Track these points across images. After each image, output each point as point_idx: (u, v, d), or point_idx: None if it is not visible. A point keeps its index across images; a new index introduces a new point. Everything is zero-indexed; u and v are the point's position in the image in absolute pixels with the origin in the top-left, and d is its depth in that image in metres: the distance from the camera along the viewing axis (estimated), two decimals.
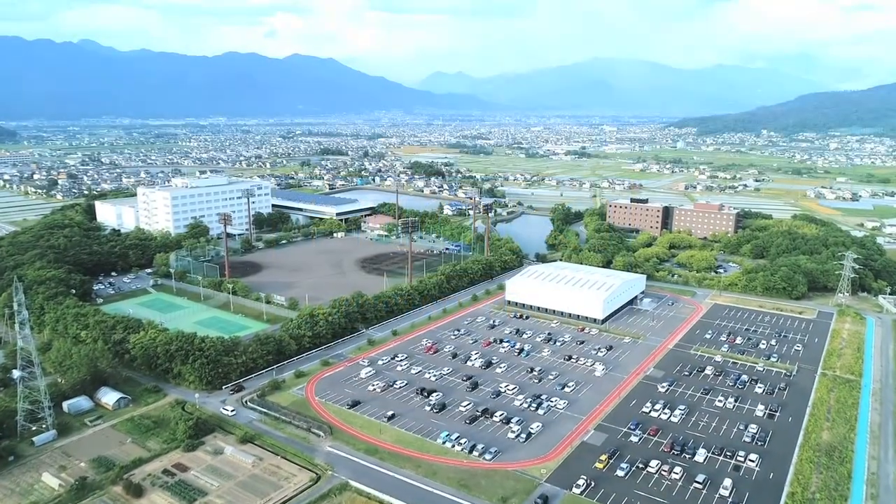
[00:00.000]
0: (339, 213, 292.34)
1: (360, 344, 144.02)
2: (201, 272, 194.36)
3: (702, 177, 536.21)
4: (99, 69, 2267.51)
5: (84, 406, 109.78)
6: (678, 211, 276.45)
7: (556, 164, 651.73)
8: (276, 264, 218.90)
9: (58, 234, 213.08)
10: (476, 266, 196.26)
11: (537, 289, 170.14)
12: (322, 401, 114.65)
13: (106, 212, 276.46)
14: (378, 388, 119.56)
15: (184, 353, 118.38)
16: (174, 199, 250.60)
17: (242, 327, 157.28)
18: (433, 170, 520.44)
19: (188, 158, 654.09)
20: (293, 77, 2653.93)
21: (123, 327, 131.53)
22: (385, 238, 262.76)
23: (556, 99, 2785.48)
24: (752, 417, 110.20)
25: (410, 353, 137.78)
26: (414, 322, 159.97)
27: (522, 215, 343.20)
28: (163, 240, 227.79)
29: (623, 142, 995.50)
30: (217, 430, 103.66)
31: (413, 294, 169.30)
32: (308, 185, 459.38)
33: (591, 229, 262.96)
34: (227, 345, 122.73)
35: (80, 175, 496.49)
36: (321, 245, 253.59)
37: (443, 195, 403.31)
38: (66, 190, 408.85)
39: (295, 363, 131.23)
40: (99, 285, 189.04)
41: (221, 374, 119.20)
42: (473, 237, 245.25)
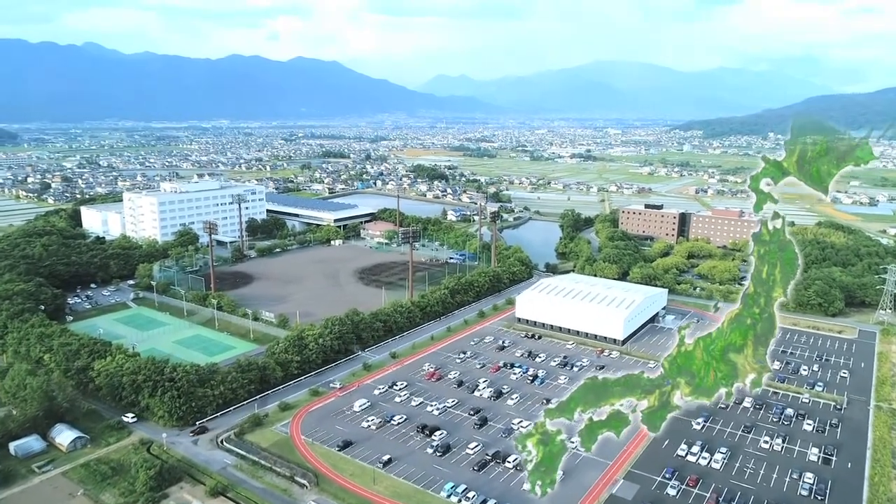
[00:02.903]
0: (338, 220, 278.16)
1: (354, 369, 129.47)
2: (186, 284, 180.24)
3: (712, 180, 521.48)
4: (102, 72, 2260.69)
5: (34, 447, 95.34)
6: (695, 217, 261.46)
7: (561, 168, 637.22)
8: (267, 275, 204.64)
9: (35, 242, 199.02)
10: (482, 278, 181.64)
11: (550, 305, 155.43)
12: (309, 440, 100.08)
13: (91, 218, 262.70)
14: (373, 424, 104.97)
15: (152, 384, 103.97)
16: (161, 204, 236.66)
17: (226, 347, 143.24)
18: (436, 173, 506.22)
19: (187, 161, 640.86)
20: (296, 80, 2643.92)
21: (89, 351, 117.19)
22: (385, 246, 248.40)
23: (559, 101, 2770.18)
24: (806, 463, 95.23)
25: (411, 381, 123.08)
26: (415, 343, 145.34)
27: (529, 221, 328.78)
28: (148, 248, 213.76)
29: (628, 145, 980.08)
30: (185, 477, 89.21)
31: (414, 311, 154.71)
32: (307, 188, 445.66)
33: (604, 237, 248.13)
34: (203, 374, 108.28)
35: (76, 178, 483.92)
36: (317, 253, 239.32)
37: (446, 199, 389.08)
38: (59, 194, 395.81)
39: (280, 393, 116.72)
40: (76, 299, 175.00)
41: (195, 409, 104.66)
42: (479, 245, 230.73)
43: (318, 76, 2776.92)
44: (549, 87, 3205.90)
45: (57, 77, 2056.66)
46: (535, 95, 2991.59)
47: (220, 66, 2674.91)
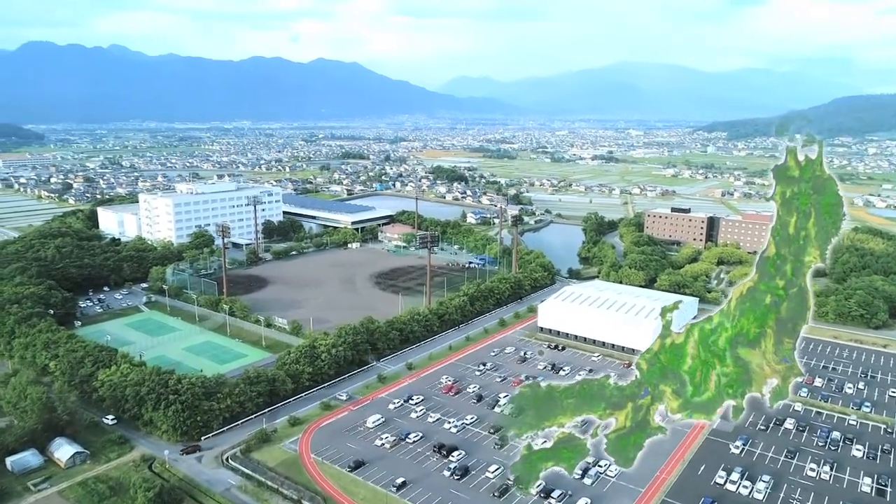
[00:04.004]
0: (355, 222, 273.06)
1: (368, 381, 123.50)
2: (198, 288, 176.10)
3: (738, 183, 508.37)
4: (127, 73, 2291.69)
5: (31, 463, 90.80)
6: (724, 222, 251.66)
7: (582, 169, 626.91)
8: (282, 279, 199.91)
9: (50, 244, 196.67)
10: (503, 285, 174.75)
11: (574, 314, 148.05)
12: (319, 459, 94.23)
13: (108, 219, 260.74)
14: (387, 442, 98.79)
15: (156, 397, 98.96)
16: (177, 206, 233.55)
17: (237, 355, 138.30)
18: (456, 174, 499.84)
19: (208, 162, 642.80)
20: (317, 81, 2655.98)
21: (93, 360, 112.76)
22: (403, 249, 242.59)
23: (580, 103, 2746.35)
24: (858, 495, 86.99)
25: (427, 395, 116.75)
26: (432, 353, 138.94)
27: (551, 224, 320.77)
28: (162, 250, 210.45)
29: (651, 146, 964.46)
30: (186, 499, 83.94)
31: (431, 319, 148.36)
32: (326, 190, 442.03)
33: (629, 242, 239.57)
34: (209, 386, 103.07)
35: (97, 179, 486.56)
36: (334, 257, 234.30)
37: (466, 202, 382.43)
38: (80, 194, 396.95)
39: (291, 406, 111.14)
40: (87, 302, 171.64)
41: (200, 423, 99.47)
42: (499, 250, 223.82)
43: (338, 77, 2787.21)
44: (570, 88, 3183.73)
45: (83, 79, 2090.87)
46: (556, 96, 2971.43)
47: (242, 67, 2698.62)
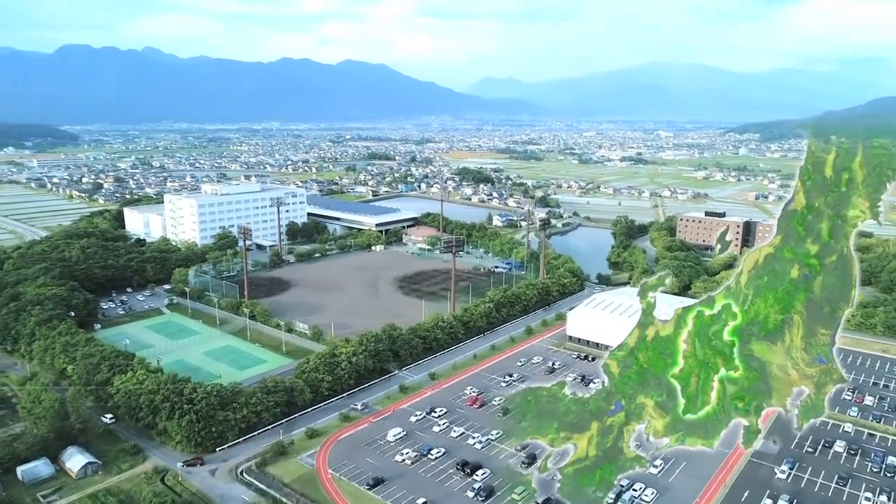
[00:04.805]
0: (379, 224, 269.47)
1: (389, 391, 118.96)
2: (220, 291, 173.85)
3: (772, 185, 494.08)
4: (160, 75, 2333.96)
5: (42, 473, 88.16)
6: (762, 227, 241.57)
7: (611, 171, 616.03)
8: (305, 282, 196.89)
9: (75, 244, 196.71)
10: (530, 291, 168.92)
11: (605, 323, 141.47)
12: (336, 475, 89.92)
13: (134, 219, 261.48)
14: (408, 458, 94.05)
15: (170, 406, 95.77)
16: (201, 207, 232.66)
17: (257, 361, 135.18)
18: (482, 176, 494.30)
19: (236, 162, 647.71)
20: (345, 82, 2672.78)
21: (109, 366, 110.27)
22: (427, 253, 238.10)
23: (607, 104, 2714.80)
24: None
25: (451, 407, 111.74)
26: (456, 362, 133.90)
27: (579, 227, 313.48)
28: (186, 251, 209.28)
29: (681, 148, 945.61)
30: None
31: (456, 326, 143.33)
32: (351, 191, 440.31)
33: (661, 247, 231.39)
34: (225, 395, 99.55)
35: (127, 179, 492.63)
36: (357, 259, 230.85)
37: (492, 204, 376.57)
38: (109, 194, 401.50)
39: (308, 416, 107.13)
40: (109, 304, 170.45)
41: (215, 434, 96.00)
42: (526, 254, 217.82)
43: (366, 79, 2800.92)
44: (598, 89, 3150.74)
45: (118, 80, 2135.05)
46: (583, 97, 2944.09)
47: (271, 69, 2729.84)
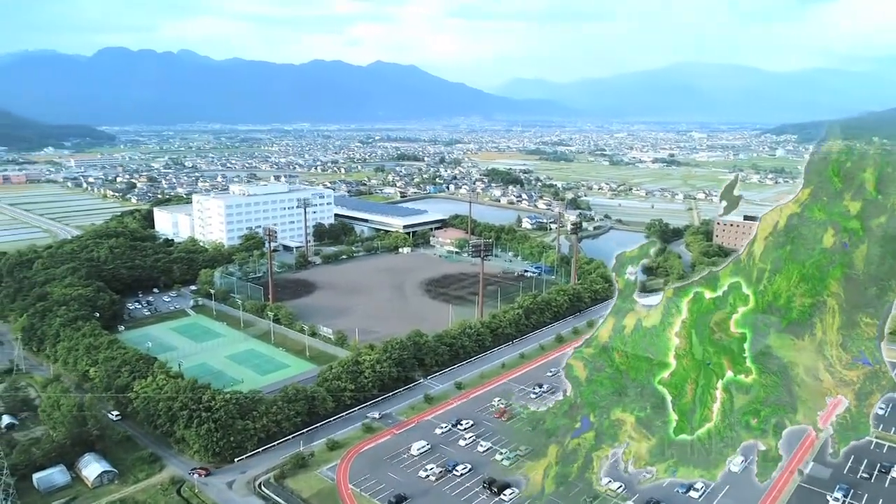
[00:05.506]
0: (407, 226, 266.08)
1: (414, 401, 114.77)
2: (245, 292, 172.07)
3: None
4: (195, 77, 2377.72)
5: (58, 481, 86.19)
6: None
7: (643, 173, 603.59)
8: (331, 284, 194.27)
9: (104, 243, 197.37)
10: (561, 297, 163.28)
11: None
12: (357, 490, 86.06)
13: (163, 219, 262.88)
14: (433, 474, 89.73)
15: (188, 414, 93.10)
16: (228, 207, 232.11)
17: (280, 365, 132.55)
18: (511, 177, 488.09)
19: (267, 163, 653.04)
20: (375, 83, 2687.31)
21: (130, 370, 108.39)
22: (455, 255, 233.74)
23: (639, 104, 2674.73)
24: None
25: (477, 420, 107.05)
26: (483, 371, 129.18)
27: (610, 230, 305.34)
28: (213, 252, 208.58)
29: (714, 149, 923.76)
30: None
31: (484, 333, 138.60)
32: (380, 192, 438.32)
33: (697, 252, 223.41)
34: (244, 403, 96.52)
35: (160, 179, 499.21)
36: (384, 261, 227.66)
37: (521, 206, 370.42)
38: (142, 194, 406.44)
39: (330, 427, 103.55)
40: (136, 304, 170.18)
41: (234, 444, 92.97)
42: (557, 258, 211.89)
43: (396, 80, 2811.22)
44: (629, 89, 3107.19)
45: (154, 82, 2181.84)
46: (614, 98, 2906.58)
47: (302, 70, 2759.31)
